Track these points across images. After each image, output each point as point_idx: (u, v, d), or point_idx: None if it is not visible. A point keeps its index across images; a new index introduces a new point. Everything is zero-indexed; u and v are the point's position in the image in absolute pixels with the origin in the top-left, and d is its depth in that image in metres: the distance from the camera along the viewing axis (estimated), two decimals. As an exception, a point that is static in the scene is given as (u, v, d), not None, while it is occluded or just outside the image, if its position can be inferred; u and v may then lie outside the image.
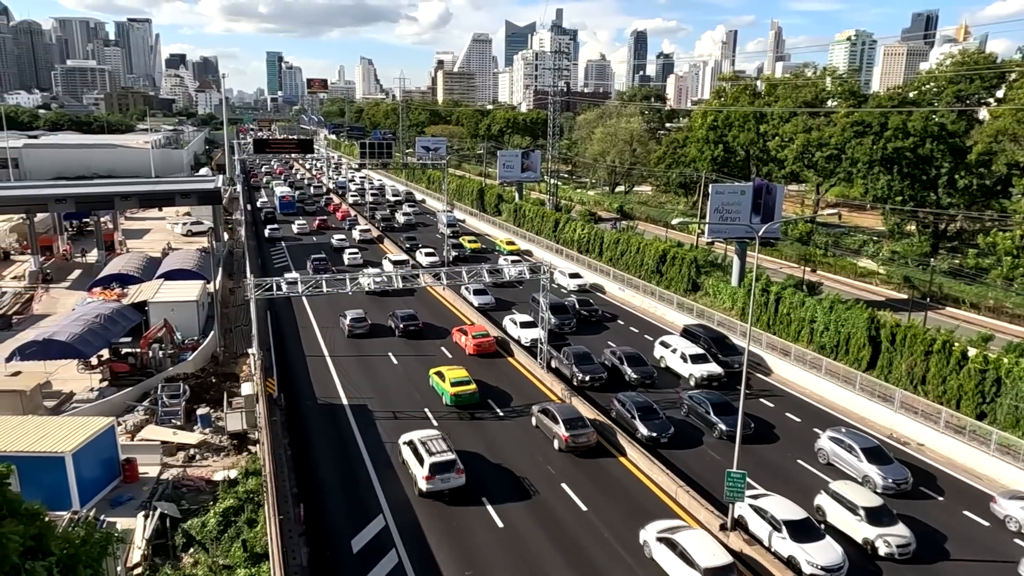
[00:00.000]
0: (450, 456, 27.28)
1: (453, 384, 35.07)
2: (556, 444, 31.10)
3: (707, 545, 22.47)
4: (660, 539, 23.27)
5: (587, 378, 38.36)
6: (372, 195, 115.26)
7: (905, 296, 56.36)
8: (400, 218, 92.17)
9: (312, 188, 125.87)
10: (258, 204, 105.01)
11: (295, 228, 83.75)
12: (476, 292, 53.84)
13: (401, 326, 46.54)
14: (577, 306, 50.96)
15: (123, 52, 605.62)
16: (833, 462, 30.15)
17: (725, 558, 21.96)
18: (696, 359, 39.78)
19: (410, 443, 28.60)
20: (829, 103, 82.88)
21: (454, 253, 68.93)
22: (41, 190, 68.44)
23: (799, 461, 31.00)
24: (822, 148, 73.47)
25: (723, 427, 32.54)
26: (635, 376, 38.86)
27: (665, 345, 42.18)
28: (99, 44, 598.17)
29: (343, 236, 78.77)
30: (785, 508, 24.74)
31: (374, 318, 48.25)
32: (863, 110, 72.31)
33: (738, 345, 41.26)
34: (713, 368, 39.13)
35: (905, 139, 64.92)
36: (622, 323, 51.03)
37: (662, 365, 41.26)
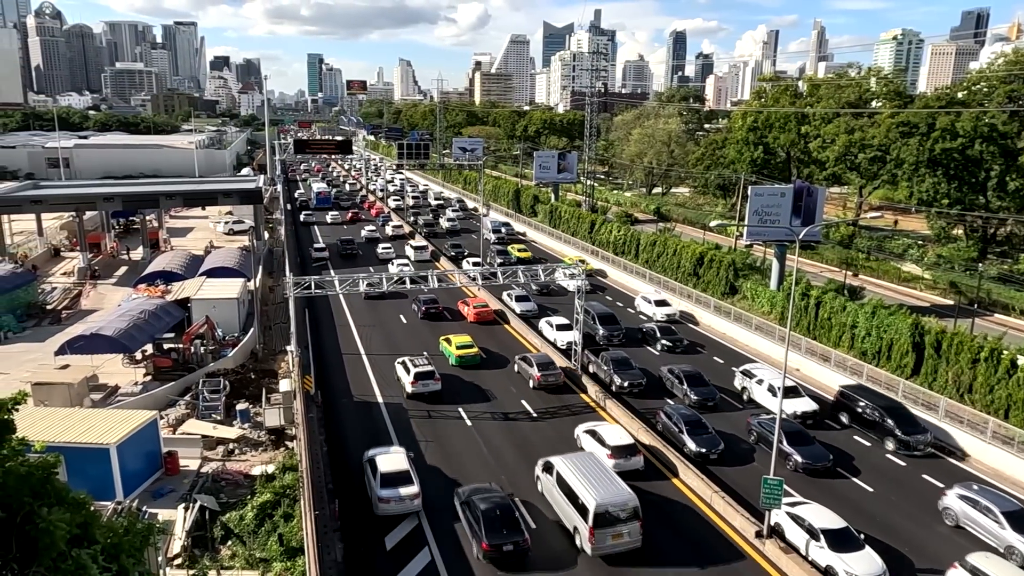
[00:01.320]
0: (430, 368, 37.06)
1: (458, 347, 41.26)
2: (531, 383, 38.34)
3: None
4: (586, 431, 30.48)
5: (625, 384, 37.41)
6: (413, 198, 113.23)
7: (951, 302, 54.79)
8: (444, 223, 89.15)
9: (347, 186, 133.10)
10: (295, 195, 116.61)
11: (328, 218, 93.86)
12: (518, 299, 52.54)
13: (423, 308, 50.65)
14: (657, 333, 45.36)
15: (169, 54, 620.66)
16: (964, 525, 25.80)
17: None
18: (788, 392, 34.07)
19: (401, 362, 38.70)
20: (873, 104, 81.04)
21: (499, 260, 64.49)
22: (90, 189, 70.53)
23: (906, 509, 26.98)
24: (865, 149, 71.81)
25: (799, 458, 29.39)
26: (695, 397, 35.89)
27: (749, 375, 37.51)
28: (147, 47, 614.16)
29: (373, 227, 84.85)
30: (824, 516, 24.23)
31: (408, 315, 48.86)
32: (909, 111, 70.55)
33: (921, 420, 32.76)
34: (807, 404, 34.57)
35: (953, 140, 63.11)
36: (706, 353, 44.53)
37: (744, 397, 37.04)
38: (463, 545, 24.47)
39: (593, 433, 30.49)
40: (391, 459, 27.34)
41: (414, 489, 26.07)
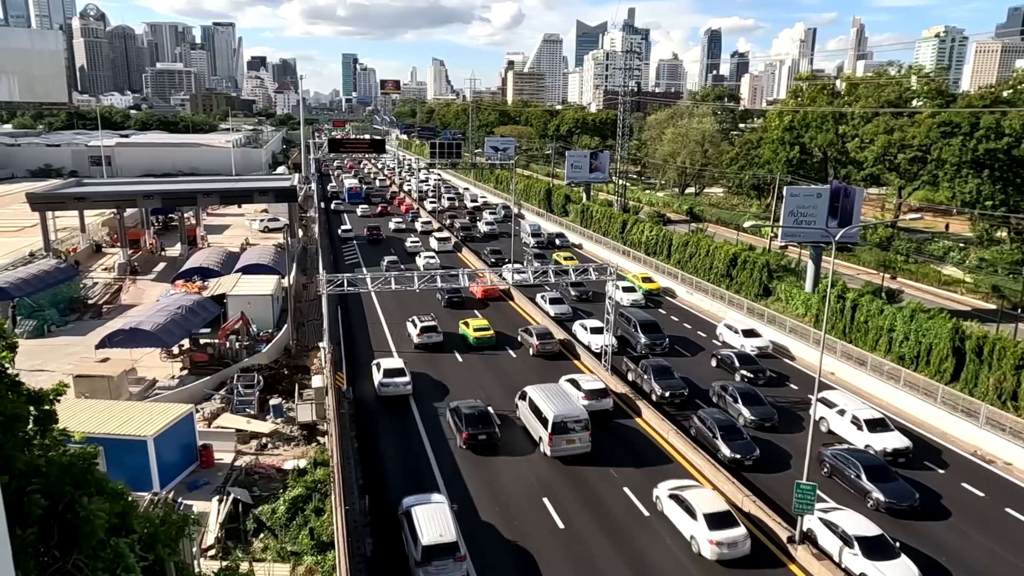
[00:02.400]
0: (433, 323, 44.46)
1: (475, 330, 45.04)
2: (531, 351, 43.31)
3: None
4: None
5: (667, 393, 36.10)
6: (449, 199, 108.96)
7: (994, 306, 53.31)
8: (482, 227, 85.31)
9: (377, 182, 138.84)
10: (328, 187, 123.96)
11: (359, 211, 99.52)
12: (552, 301, 51.93)
13: (446, 297, 53.23)
14: (736, 362, 40.40)
15: (208, 55, 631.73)
16: None
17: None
18: (874, 425, 31.28)
19: (411, 320, 45.68)
20: (914, 103, 79.25)
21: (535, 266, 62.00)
22: (131, 187, 72.15)
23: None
24: (905, 150, 70.30)
25: (880, 497, 26.47)
26: (752, 417, 33.14)
27: (829, 404, 33.48)
28: (186, 47, 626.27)
29: (400, 219, 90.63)
30: (858, 523, 23.77)
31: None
32: (951, 110, 68.84)
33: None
34: (897, 440, 30.80)
35: (998, 140, 61.48)
36: (795, 388, 39.23)
37: (823, 428, 33.01)
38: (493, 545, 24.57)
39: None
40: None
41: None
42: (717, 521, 23.83)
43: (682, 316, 53.25)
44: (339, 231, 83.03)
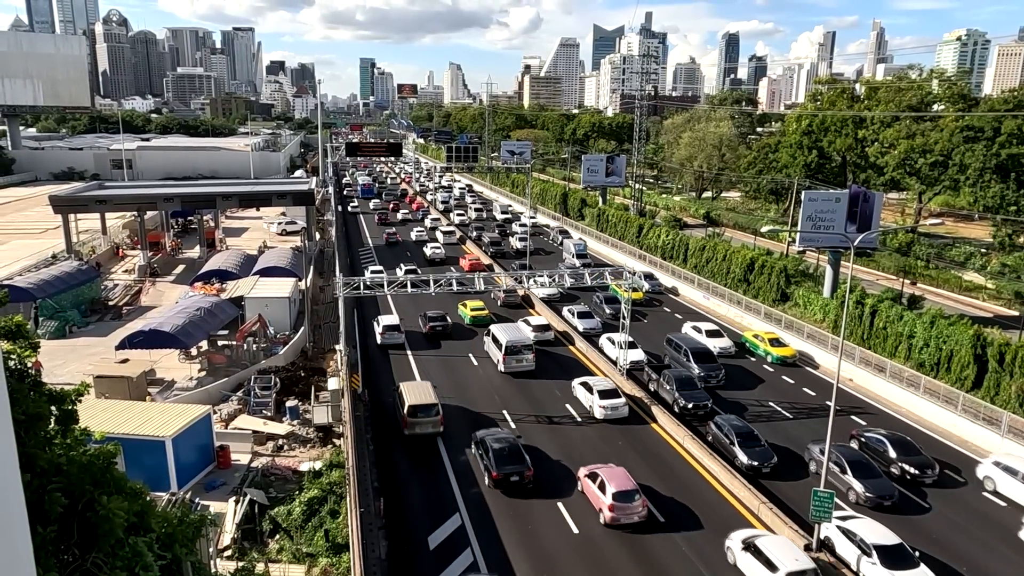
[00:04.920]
0: (441, 312, 48.96)
1: (472, 310, 50.28)
2: (498, 303, 53.49)
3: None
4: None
5: (690, 405, 35.32)
6: (476, 210, 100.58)
7: (1016, 313, 52.55)
8: (514, 243, 77.33)
9: (389, 181, 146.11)
10: (343, 181, 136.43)
11: (371, 205, 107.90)
12: (580, 315, 49.50)
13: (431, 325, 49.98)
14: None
15: (228, 59, 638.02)
16: None
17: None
18: None
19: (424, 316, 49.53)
20: (935, 107, 78.37)
21: (596, 300, 54.07)
22: (151, 190, 72.97)
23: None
24: (926, 154, 69.54)
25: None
26: (868, 495, 27.14)
27: (1007, 470, 28.51)
28: (207, 52, 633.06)
29: (407, 211, 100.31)
30: (877, 532, 23.50)
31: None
32: (974, 114, 67.99)
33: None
34: None
35: (1021, 145, 60.67)
36: (812, 394, 37.68)
37: (988, 488, 28.94)
38: (503, 542, 24.53)
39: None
40: None
41: None
42: None
43: (677, 309, 53.21)
44: (349, 208, 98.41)
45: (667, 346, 42.92)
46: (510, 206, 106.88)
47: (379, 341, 45.12)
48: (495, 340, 42.03)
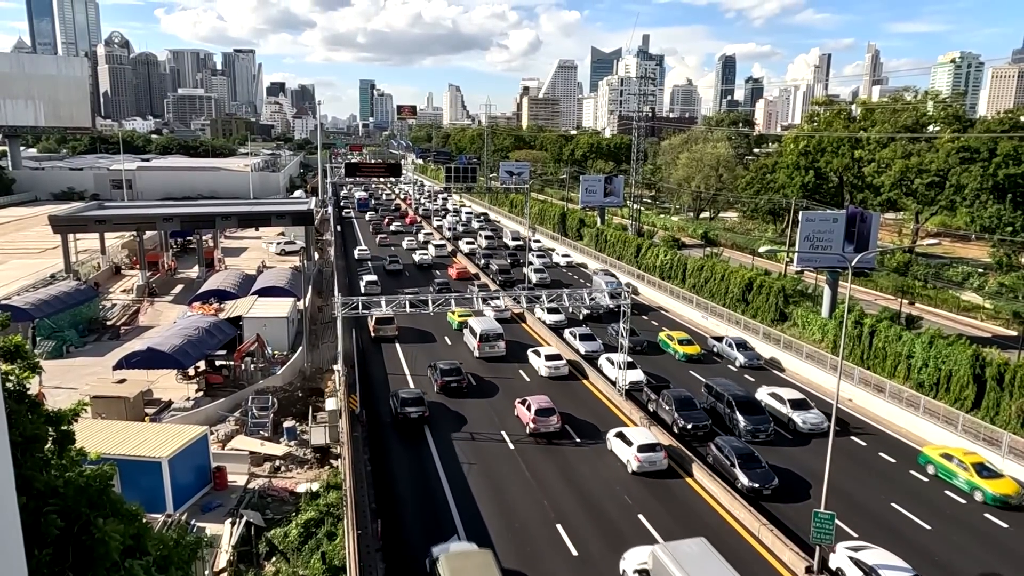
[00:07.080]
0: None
1: (459, 316, 52.17)
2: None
3: None
4: None
5: (689, 426, 34.91)
6: (487, 238, 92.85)
7: (1015, 332, 52.58)
8: (532, 275, 65.38)
9: (384, 196, 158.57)
10: (341, 195, 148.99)
11: (367, 216, 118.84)
12: (582, 337, 48.59)
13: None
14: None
15: (228, 81, 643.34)
16: None
17: None
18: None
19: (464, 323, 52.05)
20: (930, 128, 79.00)
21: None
22: (150, 210, 73.11)
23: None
24: (922, 175, 69.98)
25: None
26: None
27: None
28: (207, 73, 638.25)
29: (400, 223, 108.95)
30: (889, 561, 23.10)
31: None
32: (970, 135, 68.54)
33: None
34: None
35: (1018, 166, 61.10)
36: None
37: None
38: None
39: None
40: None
41: None
42: None
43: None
44: (342, 213, 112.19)
45: (707, 394, 38.78)
46: (519, 231, 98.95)
47: (363, 291, 51.27)
48: (471, 330, 48.13)
